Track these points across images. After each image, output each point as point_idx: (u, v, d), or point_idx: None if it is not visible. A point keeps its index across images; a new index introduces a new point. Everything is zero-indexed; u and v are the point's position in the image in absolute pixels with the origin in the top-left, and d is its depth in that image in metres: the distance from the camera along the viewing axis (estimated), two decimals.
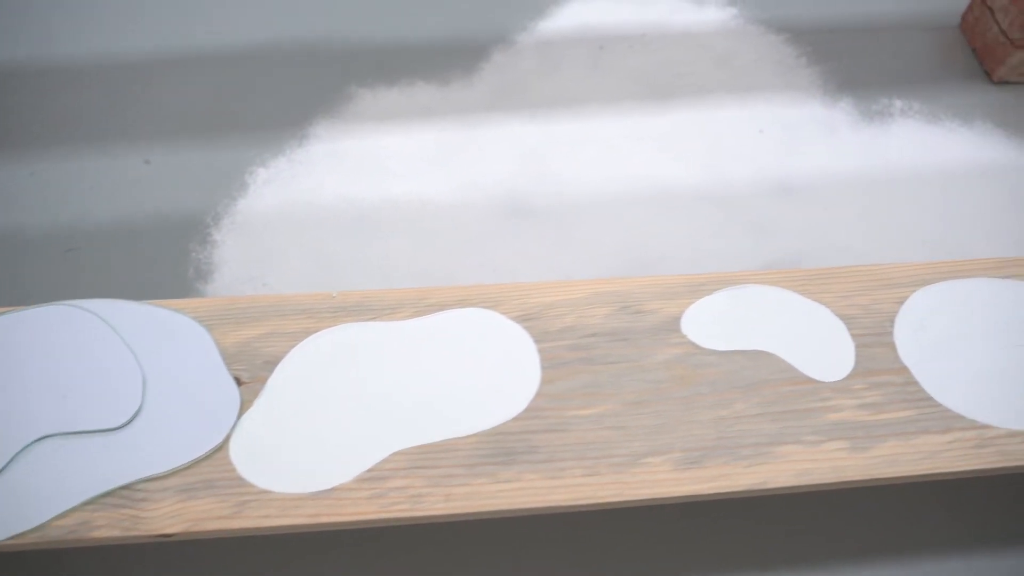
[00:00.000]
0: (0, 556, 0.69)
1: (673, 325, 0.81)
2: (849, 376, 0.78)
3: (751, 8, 1.38)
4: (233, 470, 0.71)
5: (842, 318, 0.82)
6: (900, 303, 0.84)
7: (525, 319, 0.80)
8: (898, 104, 1.27)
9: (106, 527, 0.68)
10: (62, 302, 0.79)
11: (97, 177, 1.13)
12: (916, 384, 0.78)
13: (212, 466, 0.71)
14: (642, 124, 1.22)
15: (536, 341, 0.79)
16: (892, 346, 0.81)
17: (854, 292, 0.84)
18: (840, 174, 1.18)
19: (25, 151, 1.15)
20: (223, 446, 0.72)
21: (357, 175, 1.14)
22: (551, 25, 1.33)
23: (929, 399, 0.77)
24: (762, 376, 0.78)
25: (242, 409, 0.74)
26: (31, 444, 0.71)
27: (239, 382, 0.75)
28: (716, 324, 0.81)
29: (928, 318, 0.83)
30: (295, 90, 1.24)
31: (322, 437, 0.73)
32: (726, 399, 0.76)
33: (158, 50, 1.28)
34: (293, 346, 0.78)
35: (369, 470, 0.71)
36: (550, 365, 0.78)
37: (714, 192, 1.15)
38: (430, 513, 0.69)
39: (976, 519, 0.91)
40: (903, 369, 0.79)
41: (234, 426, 0.73)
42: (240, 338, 0.78)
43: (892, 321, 0.82)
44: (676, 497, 0.71)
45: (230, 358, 0.77)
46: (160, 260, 1.06)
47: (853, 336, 0.81)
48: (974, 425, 0.76)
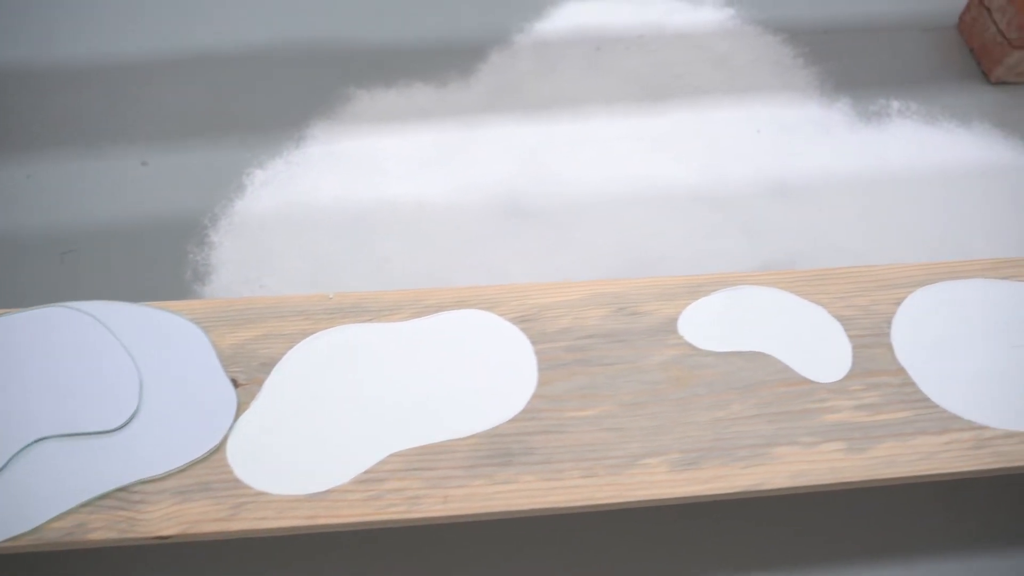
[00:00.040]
0: None
1: (670, 326, 0.81)
2: (846, 377, 0.79)
3: (748, 9, 1.38)
4: (230, 472, 0.71)
5: (839, 319, 0.82)
6: (897, 304, 0.84)
7: (522, 320, 0.80)
8: (895, 104, 1.27)
9: (102, 529, 0.67)
10: (59, 304, 0.79)
11: (94, 179, 1.13)
12: (913, 385, 0.78)
13: (209, 468, 0.71)
14: (639, 125, 1.22)
15: (533, 342, 0.79)
16: (889, 347, 0.81)
17: (851, 293, 0.84)
18: (837, 175, 1.18)
19: (22, 153, 1.15)
20: (220, 448, 0.72)
21: (354, 176, 1.14)
22: (548, 26, 1.33)
23: (926, 400, 0.77)
24: (759, 377, 0.78)
25: (239, 411, 0.74)
26: (28, 446, 0.71)
27: (236, 384, 0.75)
28: (713, 325, 0.81)
29: (925, 319, 0.83)
30: (292, 91, 1.24)
31: (319, 439, 0.73)
32: (723, 400, 0.76)
33: (155, 52, 1.28)
34: (290, 348, 0.78)
35: (366, 472, 0.71)
36: (547, 366, 0.78)
37: (711, 193, 1.15)
38: (427, 515, 0.69)
39: (974, 519, 0.91)
40: (900, 370, 0.79)
41: (231, 428, 0.73)
42: (237, 340, 0.78)
43: (889, 322, 0.82)
44: (673, 498, 0.71)
45: (227, 360, 0.77)
46: (157, 262, 1.06)
47: (850, 337, 0.81)
48: (971, 426, 0.76)
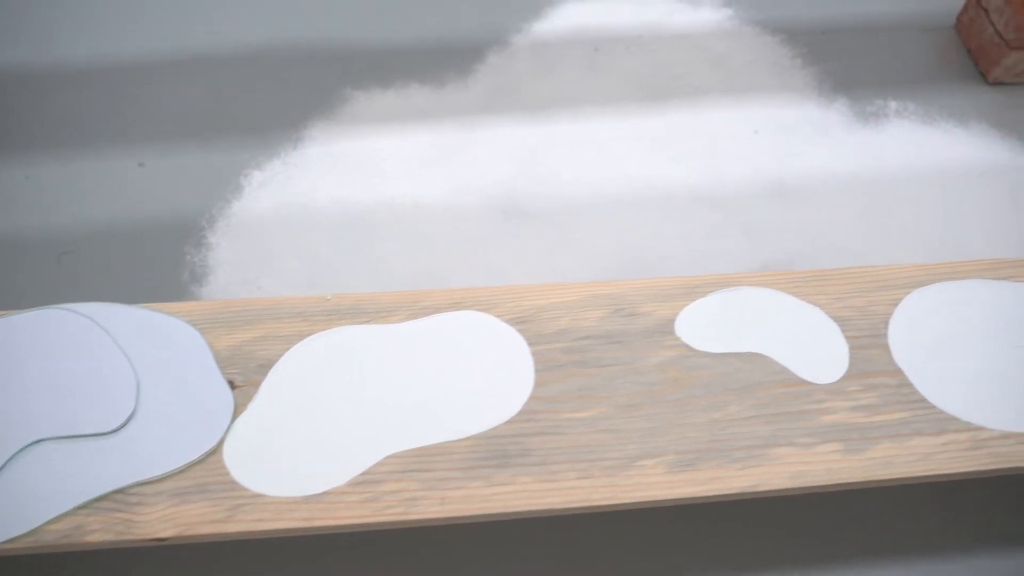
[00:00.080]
0: None
1: (667, 327, 0.81)
2: (843, 378, 0.79)
3: (747, 9, 1.38)
4: (227, 474, 0.71)
5: (836, 320, 0.82)
6: (894, 305, 0.84)
7: (519, 322, 0.80)
8: (893, 105, 1.27)
9: (100, 531, 0.68)
10: (56, 306, 0.79)
11: (92, 180, 1.13)
12: (910, 386, 0.78)
13: (206, 470, 0.71)
14: (638, 125, 1.22)
15: (530, 344, 0.79)
16: (886, 348, 0.81)
17: (848, 294, 0.84)
18: (835, 175, 1.18)
19: (20, 154, 1.15)
20: (217, 450, 0.72)
21: (352, 177, 1.14)
22: (546, 27, 1.33)
23: (923, 401, 0.77)
24: (756, 378, 0.78)
25: (236, 413, 0.74)
26: (25, 448, 0.71)
27: (233, 386, 0.75)
28: (710, 326, 0.81)
29: (922, 320, 0.83)
30: (290, 92, 1.24)
31: (316, 440, 0.73)
32: (720, 401, 0.76)
33: (152, 53, 1.28)
34: (287, 349, 0.78)
35: (363, 473, 0.71)
36: (544, 368, 0.78)
37: (710, 193, 1.15)
38: (424, 516, 0.69)
39: (971, 520, 0.91)
40: (897, 371, 0.79)
41: (228, 430, 0.73)
42: (234, 341, 0.78)
43: (886, 323, 0.82)
44: (669, 500, 0.71)
45: (224, 361, 0.77)
46: (155, 263, 1.06)
47: (847, 338, 0.81)
48: (968, 427, 0.76)
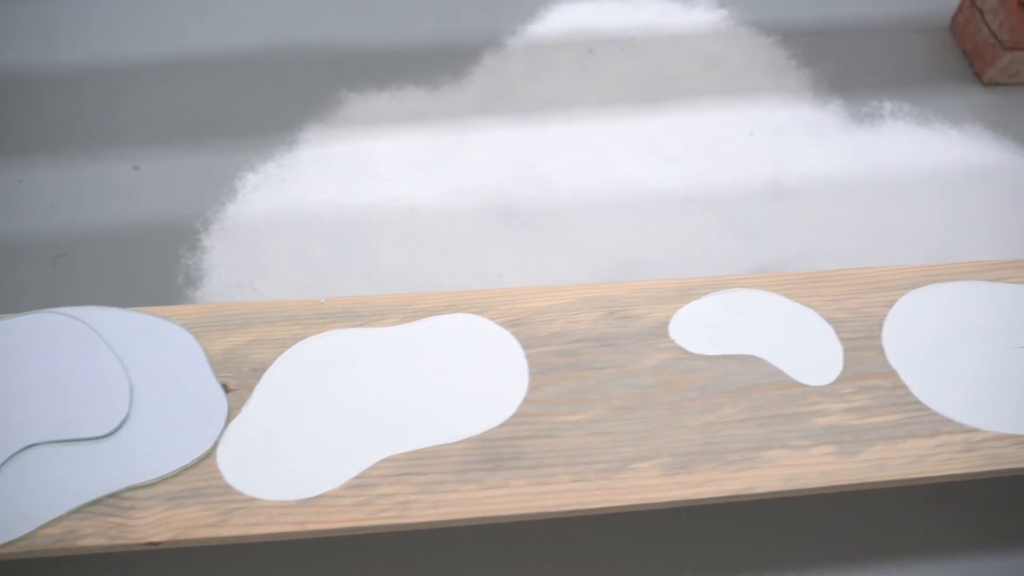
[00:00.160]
0: None
1: (661, 330, 0.81)
2: (837, 380, 0.79)
3: (741, 10, 1.38)
4: (220, 478, 0.71)
5: (831, 322, 0.82)
6: (889, 306, 0.84)
7: (513, 324, 0.80)
8: (888, 106, 1.27)
9: (93, 536, 0.67)
10: (50, 310, 0.79)
11: (86, 183, 1.13)
12: (904, 388, 0.78)
13: (199, 474, 0.71)
14: (632, 127, 1.22)
15: (524, 347, 0.79)
16: (880, 350, 0.81)
17: (843, 296, 0.84)
18: (830, 176, 1.18)
19: (13, 158, 1.15)
20: (210, 454, 0.72)
21: (347, 180, 1.14)
22: (540, 28, 1.33)
23: (917, 403, 0.77)
24: (750, 381, 0.78)
25: (229, 416, 0.74)
26: (18, 452, 0.70)
27: (227, 389, 0.75)
28: (704, 329, 0.81)
29: (916, 321, 0.83)
30: (285, 95, 1.23)
31: (310, 444, 0.73)
32: (714, 404, 0.76)
33: (146, 56, 1.27)
34: (281, 353, 0.78)
35: (357, 477, 0.71)
36: (538, 371, 0.78)
37: (704, 195, 1.15)
38: (418, 520, 0.69)
39: (967, 521, 0.91)
40: (891, 373, 0.79)
41: (222, 434, 0.73)
42: (228, 345, 0.78)
43: (880, 325, 0.82)
44: (663, 503, 0.71)
45: (218, 365, 0.77)
46: (150, 266, 1.05)
47: (842, 340, 0.81)
48: (962, 428, 0.76)
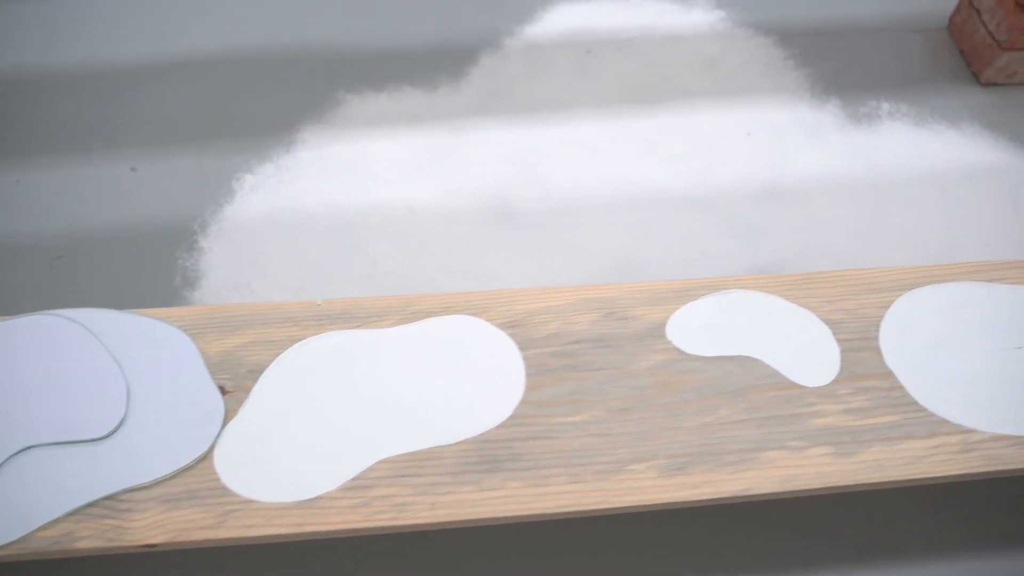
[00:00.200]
0: None
1: (658, 331, 0.81)
2: (834, 381, 0.79)
3: (739, 11, 1.38)
4: (217, 480, 0.71)
5: (828, 323, 0.82)
6: (886, 307, 0.84)
7: (510, 326, 0.80)
8: (886, 106, 1.27)
9: (90, 538, 0.67)
10: (47, 312, 0.79)
11: (83, 185, 1.12)
12: (901, 389, 0.78)
13: (196, 476, 0.71)
14: (630, 128, 1.22)
15: (521, 348, 0.79)
16: (877, 351, 0.81)
17: (840, 297, 0.84)
18: (828, 177, 1.18)
19: (11, 159, 1.15)
20: (207, 456, 0.72)
21: (344, 181, 1.14)
22: (538, 29, 1.33)
23: (914, 404, 0.77)
24: (747, 382, 0.78)
25: (226, 418, 0.74)
26: (15, 454, 0.70)
27: (223, 391, 0.75)
28: (701, 330, 0.81)
29: (913, 322, 0.83)
30: (282, 96, 1.23)
31: (307, 446, 0.73)
32: (711, 405, 0.76)
33: (144, 57, 1.27)
34: (278, 354, 0.78)
35: (354, 478, 0.71)
36: (535, 372, 0.78)
37: (702, 195, 1.15)
38: (415, 522, 0.69)
39: (964, 521, 0.91)
40: (888, 374, 0.79)
41: (218, 435, 0.73)
42: (224, 347, 0.78)
43: (877, 325, 0.82)
44: (660, 504, 0.71)
45: (214, 367, 0.77)
46: (147, 267, 1.05)
47: (839, 341, 0.81)
48: (959, 429, 0.76)
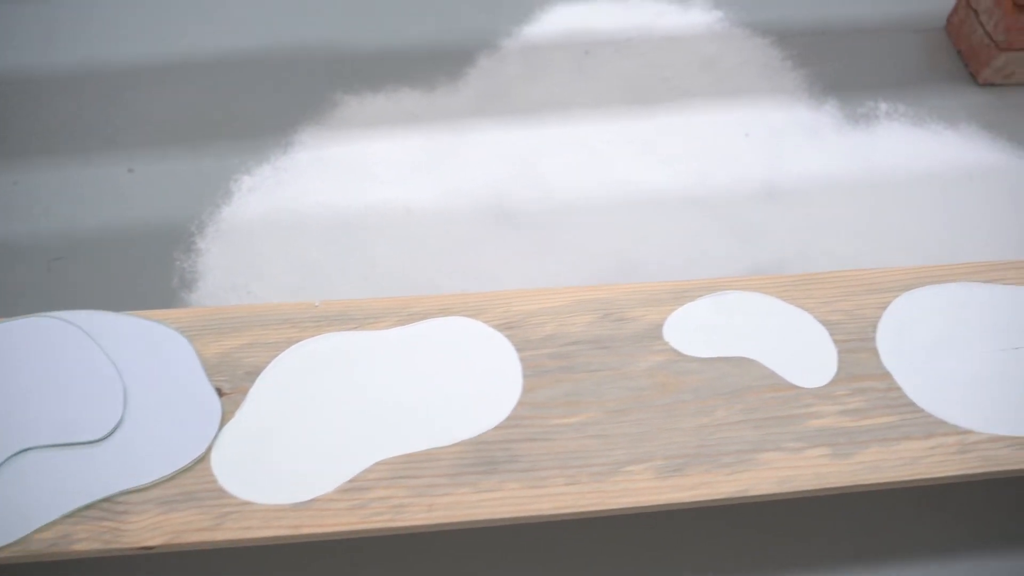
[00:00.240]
0: None
1: (655, 332, 0.81)
2: (831, 382, 0.79)
3: (737, 11, 1.38)
4: (214, 481, 0.71)
5: (825, 324, 0.82)
6: (883, 308, 0.84)
7: (507, 327, 0.80)
8: (883, 107, 1.27)
9: (87, 540, 0.67)
10: (43, 314, 0.79)
11: (81, 186, 1.12)
12: (899, 390, 0.78)
13: (193, 478, 0.71)
14: (628, 128, 1.22)
15: (518, 349, 0.79)
16: (875, 352, 0.81)
17: (837, 298, 0.84)
18: (825, 178, 1.18)
19: (8, 160, 1.15)
20: (204, 457, 0.72)
21: (342, 182, 1.14)
22: (536, 30, 1.33)
23: (911, 405, 0.78)
24: (745, 383, 0.78)
25: (223, 420, 0.74)
26: (12, 456, 0.70)
27: (220, 393, 0.75)
28: (699, 331, 0.81)
29: (910, 323, 0.83)
30: (280, 97, 1.23)
31: (304, 448, 0.73)
32: (708, 406, 0.76)
33: (141, 58, 1.27)
34: (275, 356, 0.78)
35: (351, 480, 0.71)
36: (532, 373, 0.78)
37: (699, 196, 1.15)
38: (412, 523, 0.69)
39: (961, 522, 0.91)
40: (886, 375, 0.79)
41: (215, 437, 0.73)
42: (222, 348, 0.78)
43: (875, 326, 0.82)
44: (657, 506, 0.71)
45: (212, 368, 0.76)
46: (145, 269, 1.05)
47: (836, 342, 0.81)
48: (956, 430, 0.76)
